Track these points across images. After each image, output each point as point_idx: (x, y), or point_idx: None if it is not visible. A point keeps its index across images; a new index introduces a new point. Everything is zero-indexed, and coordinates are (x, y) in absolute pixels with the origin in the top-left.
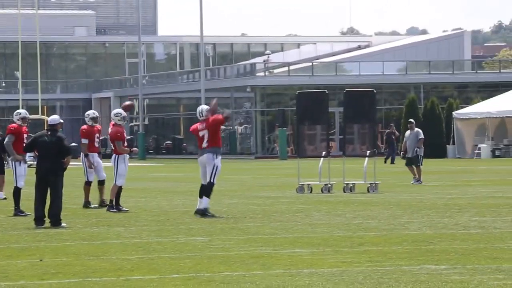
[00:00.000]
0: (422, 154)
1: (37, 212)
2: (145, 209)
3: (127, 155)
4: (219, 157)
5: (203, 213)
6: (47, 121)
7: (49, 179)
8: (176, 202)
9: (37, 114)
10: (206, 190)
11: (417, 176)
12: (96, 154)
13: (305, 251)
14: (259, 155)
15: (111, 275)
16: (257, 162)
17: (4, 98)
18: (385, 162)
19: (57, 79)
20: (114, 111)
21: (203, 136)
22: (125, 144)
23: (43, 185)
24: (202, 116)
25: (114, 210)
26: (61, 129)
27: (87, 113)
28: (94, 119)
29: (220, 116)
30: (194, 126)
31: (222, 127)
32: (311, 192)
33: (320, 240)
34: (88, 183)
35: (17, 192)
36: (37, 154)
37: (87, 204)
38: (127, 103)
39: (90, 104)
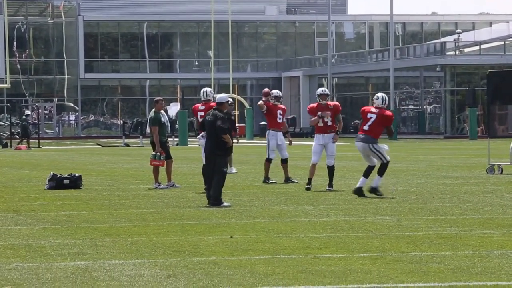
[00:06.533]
0: None
1: (207, 191)
2: (334, 188)
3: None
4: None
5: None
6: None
7: (211, 158)
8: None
9: (228, 92)
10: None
11: None
12: (279, 132)
13: (495, 232)
14: (448, 135)
15: (300, 253)
16: (446, 142)
17: (197, 77)
18: None
19: (247, 58)
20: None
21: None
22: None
23: (208, 164)
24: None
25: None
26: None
27: (271, 91)
28: (276, 98)
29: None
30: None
31: (411, 106)
32: (501, 172)
33: (511, 221)
34: (268, 160)
35: (204, 170)
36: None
37: (266, 180)
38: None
39: (280, 83)
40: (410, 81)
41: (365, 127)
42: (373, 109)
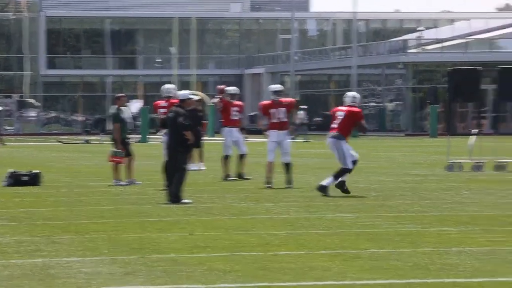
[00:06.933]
0: None
1: (168, 188)
2: (294, 185)
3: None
4: None
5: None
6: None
7: (172, 155)
8: (325, 178)
9: (191, 89)
10: None
11: None
12: (236, 129)
13: (454, 229)
14: (409, 132)
15: (259, 250)
16: (407, 139)
17: (159, 74)
18: None
19: (210, 55)
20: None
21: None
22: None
23: (169, 161)
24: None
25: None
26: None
27: (226, 88)
28: (231, 95)
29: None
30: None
31: (373, 103)
32: (461, 170)
33: (469, 218)
34: (225, 157)
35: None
36: None
37: (226, 177)
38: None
39: (242, 80)
40: (373, 78)
41: (334, 125)
42: (342, 108)
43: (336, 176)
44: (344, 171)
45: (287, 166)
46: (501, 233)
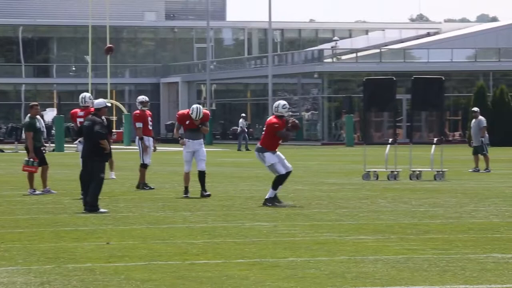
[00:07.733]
0: (488, 142)
1: (84, 197)
2: (211, 194)
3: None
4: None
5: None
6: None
7: (88, 163)
8: (242, 187)
9: (106, 98)
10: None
11: (477, 166)
12: (151, 138)
13: (370, 238)
14: (325, 141)
15: (177, 259)
16: (323, 149)
17: (74, 82)
18: None
19: (126, 63)
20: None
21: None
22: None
23: (85, 170)
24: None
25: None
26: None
27: (138, 98)
28: (143, 103)
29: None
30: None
31: (289, 112)
32: (377, 179)
33: (385, 227)
34: (143, 166)
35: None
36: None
37: (143, 186)
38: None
39: (158, 89)
40: (289, 87)
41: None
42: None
43: (274, 186)
44: (279, 179)
45: (202, 174)
46: (416, 241)
